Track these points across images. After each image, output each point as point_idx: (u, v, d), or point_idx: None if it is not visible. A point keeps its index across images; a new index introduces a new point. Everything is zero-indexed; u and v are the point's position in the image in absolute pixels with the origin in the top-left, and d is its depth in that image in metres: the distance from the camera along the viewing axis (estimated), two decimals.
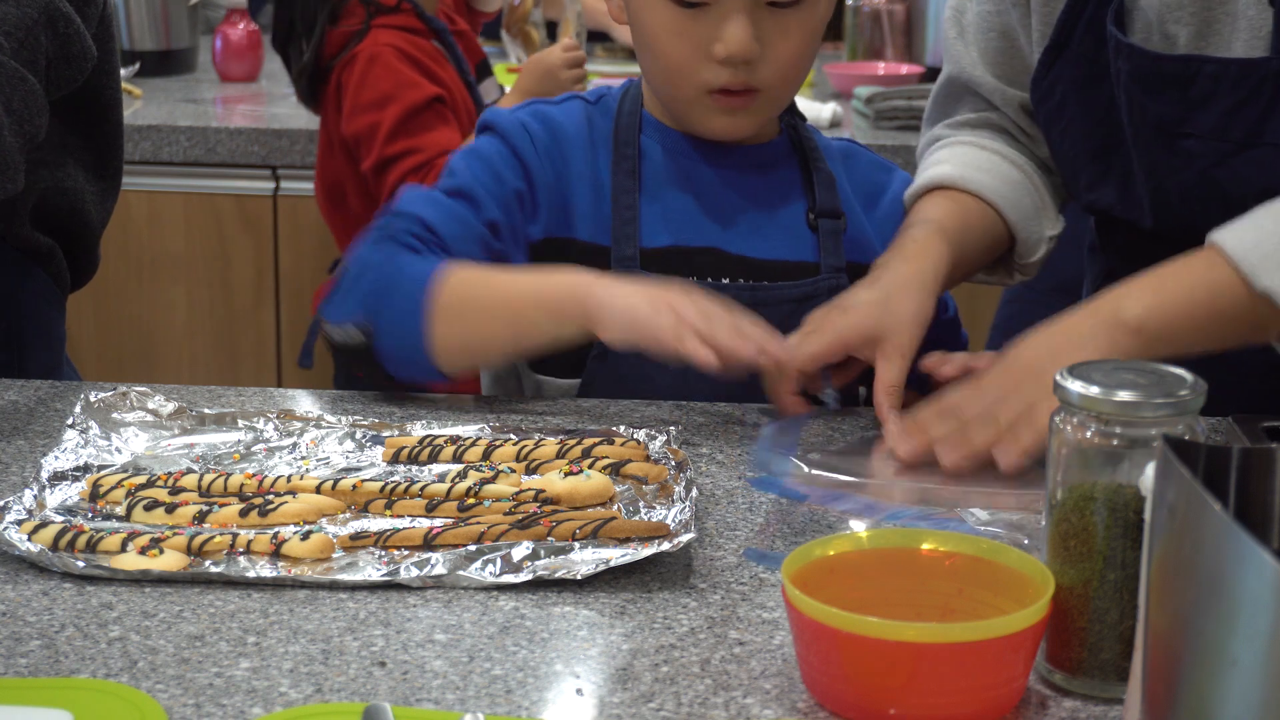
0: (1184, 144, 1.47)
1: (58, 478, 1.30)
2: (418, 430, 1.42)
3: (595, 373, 1.54)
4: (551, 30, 3.50)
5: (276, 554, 1.17)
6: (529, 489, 1.29)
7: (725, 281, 1.55)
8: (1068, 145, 1.58)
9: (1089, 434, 1.00)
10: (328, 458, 1.37)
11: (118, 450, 1.37)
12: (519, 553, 1.17)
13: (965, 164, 1.61)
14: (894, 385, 1.42)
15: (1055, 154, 1.62)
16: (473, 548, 1.18)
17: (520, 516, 1.23)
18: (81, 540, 1.18)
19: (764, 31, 1.48)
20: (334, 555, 1.18)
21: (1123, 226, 1.59)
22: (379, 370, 1.47)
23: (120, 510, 1.25)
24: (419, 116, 2.57)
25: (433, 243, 1.49)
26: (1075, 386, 1.00)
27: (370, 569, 1.16)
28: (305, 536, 1.18)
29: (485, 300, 1.44)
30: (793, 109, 1.64)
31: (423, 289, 1.43)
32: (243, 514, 1.23)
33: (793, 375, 1.44)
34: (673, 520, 1.22)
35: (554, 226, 1.56)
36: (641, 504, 1.28)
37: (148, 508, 1.24)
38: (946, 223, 1.55)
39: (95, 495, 1.27)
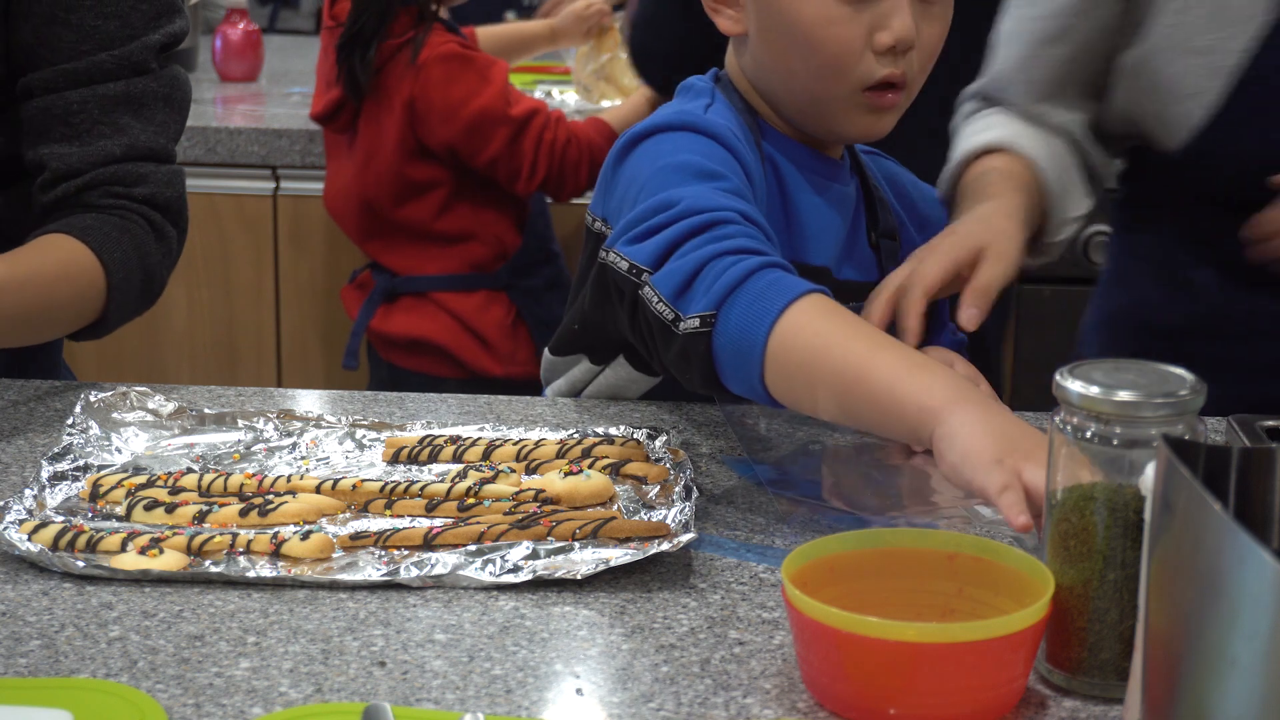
0: None
1: (58, 478, 1.30)
2: (418, 430, 1.42)
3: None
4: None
5: (276, 554, 1.17)
6: (529, 489, 1.29)
7: None
8: None
9: (1089, 434, 1.00)
10: (328, 458, 1.37)
11: (118, 450, 1.37)
12: (519, 553, 1.17)
13: (1011, 130, 1.64)
14: (988, 287, 1.39)
15: None
16: (473, 548, 1.18)
17: (520, 516, 1.23)
18: (81, 540, 1.18)
19: (916, 18, 1.45)
20: (334, 555, 1.18)
21: None
22: (706, 370, 1.30)
23: (120, 510, 1.25)
24: (510, 89, 2.65)
25: (759, 232, 1.35)
26: (1075, 386, 1.00)
27: (370, 569, 1.16)
28: (305, 536, 1.18)
29: (829, 367, 1.25)
30: None
31: (778, 303, 1.27)
32: (243, 514, 1.23)
33: (920, 298, 1.39)
34: (673, 520, 1.22)
35: None
36: (641, 504, 1.28)
37: (148, 508, 1.24)
38: (1011, 173, 1.57)
39: (95, 495, 1.27)
